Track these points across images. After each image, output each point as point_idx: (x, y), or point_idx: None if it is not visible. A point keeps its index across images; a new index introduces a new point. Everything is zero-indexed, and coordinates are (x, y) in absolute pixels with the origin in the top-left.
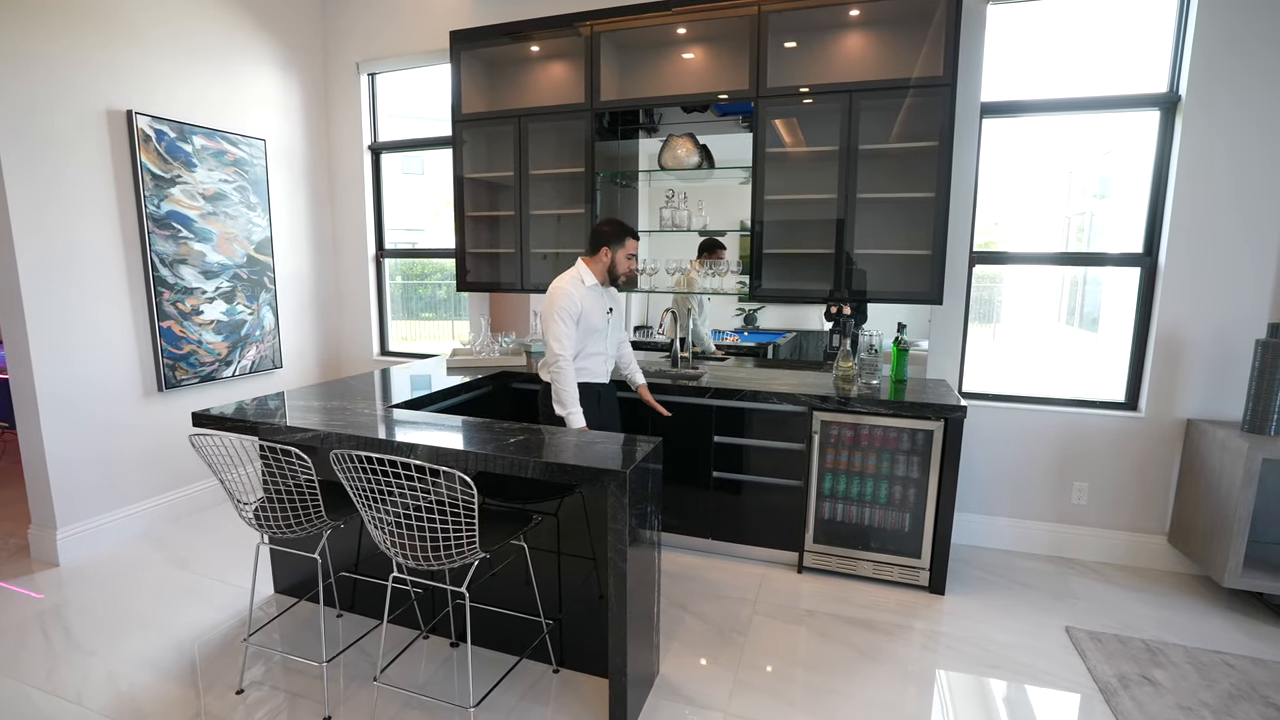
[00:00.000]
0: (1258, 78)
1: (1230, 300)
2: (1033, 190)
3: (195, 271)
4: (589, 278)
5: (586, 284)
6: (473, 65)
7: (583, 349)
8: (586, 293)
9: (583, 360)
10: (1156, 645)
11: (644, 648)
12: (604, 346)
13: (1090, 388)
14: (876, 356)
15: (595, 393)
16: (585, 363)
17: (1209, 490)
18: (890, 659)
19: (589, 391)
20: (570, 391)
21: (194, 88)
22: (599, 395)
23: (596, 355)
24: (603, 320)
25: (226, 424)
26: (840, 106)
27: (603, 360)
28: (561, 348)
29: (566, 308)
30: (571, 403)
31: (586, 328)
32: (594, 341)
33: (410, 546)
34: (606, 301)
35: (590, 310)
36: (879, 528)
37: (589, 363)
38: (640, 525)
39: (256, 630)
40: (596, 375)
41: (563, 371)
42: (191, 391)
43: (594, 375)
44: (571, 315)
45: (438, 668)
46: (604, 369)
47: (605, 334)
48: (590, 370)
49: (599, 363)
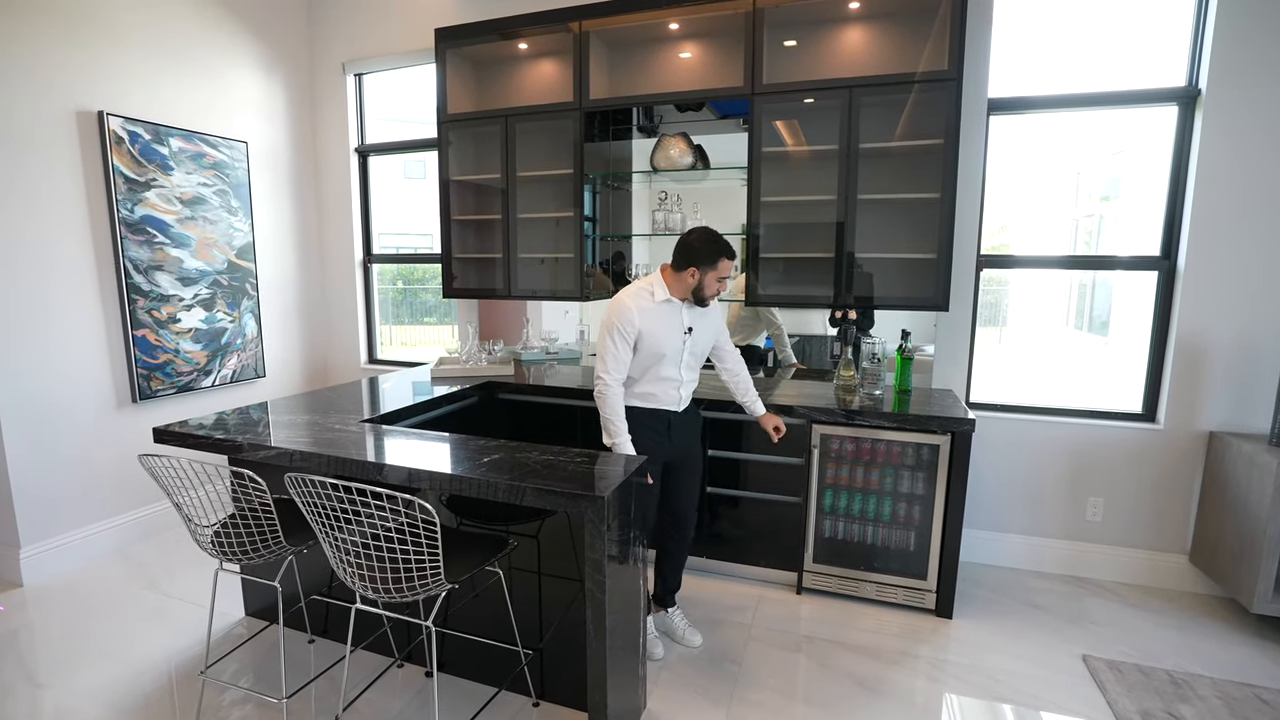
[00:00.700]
0: (1273, 68)
1: (1256, 304)
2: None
3: (172, 278)
4: (662, 291)
5: (657, 298)
6: (459, 64)
7: (646, 373)
8: (654, 309)
9: (647, 384)
10: (1181, 677)
11: (628, 681)
12: (677, 371)
13: (1100, 394)
14: (879, 365)
15: (664, 420)
16: (650, 388)
17: (1235, 508)
18: (893, 691)
19: (655, 418)
20: (614, 419)
21: (171, 89)
22: (669, 423)
23: (667, 381)
24: (676, 341)
25: (188, 440)
26: (840, 103)
27: (675, 386)
28: (605, 370)
29: (621, 327)
30: (618, 430)
31: (651, 350)
32: (664, 365)
33: (370, 577)
34: (683, 319)
35: (656, 331)
36: (882, 547)
37: (654, 388)
38: (623, 552)
39: (215, 661)
40: (665, 402)
41: (603, 397)
42: (168, 402)
43: (661, 402)
44: (626, 336)
45: (410, 699)
46: (676, 395)
47: (680, 358)
48: (656, 396)
49: (669, 390)
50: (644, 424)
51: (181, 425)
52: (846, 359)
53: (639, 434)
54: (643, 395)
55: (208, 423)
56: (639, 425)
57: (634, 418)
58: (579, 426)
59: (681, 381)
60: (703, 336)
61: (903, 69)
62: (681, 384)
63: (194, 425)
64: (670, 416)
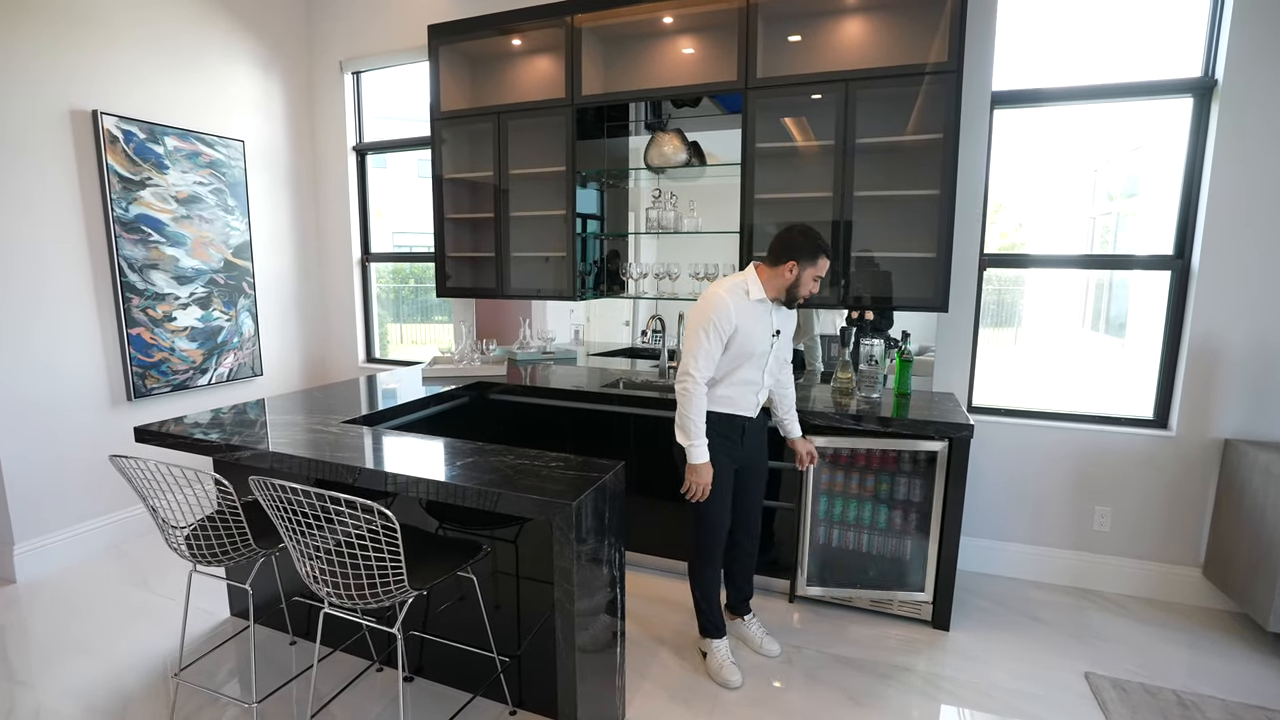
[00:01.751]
0: None
1: (1274, 306)
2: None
3: (167, 277)
4: (757, 289)
5: (752, 296)
6: (453, 61)
7: (730, 374)
8: (750, 308)
9: (726, 388)
10: (1190, 698)
11: (604, 692)
12: (760, 375)
13: (1115, 399)
14: (877, 368)
15: (739, 426)
16: (729, 391)
17: (1250, 520)
18: (882, 706)
19: (730, 424)
20: (695, 420)
21: (167, 88)
22: (743, 429)
23: (748, 385)
24: (765, 343)
25: (167, 440)
26: (836, 97)
27: (754, 391)
28: (695, 367)
29: (718, 322)
30: (696, 433)
31: (740, 351)
32: (748, 368)
33: (334, 583)
34: (773, 320)
35: (750, 330)
36: (878, 555)
37: (734, 392)
38: (596, 560)
39: (193, 662)
40: (743, 408)
41: (689, 395)
42: (163, 400)
43: (739, 407)
44: (722, 332)
45: (387, 704)
46: (754, 401)
47: (765, 361)
48: (734, 401)
49: (748, 394)
50: (721, 432)
51: (160, 425)
52: (844, 361)
53: (716, 443)
54: (723, 399)
55: (202, 421)
56: (716, 431)
57: (711, 424)
58: (571, 429)
59: (762, 386)
60: (786, 341)
61: (902, 62)
62: (761, 389)
63: (170, 425)
64: (745, 423)
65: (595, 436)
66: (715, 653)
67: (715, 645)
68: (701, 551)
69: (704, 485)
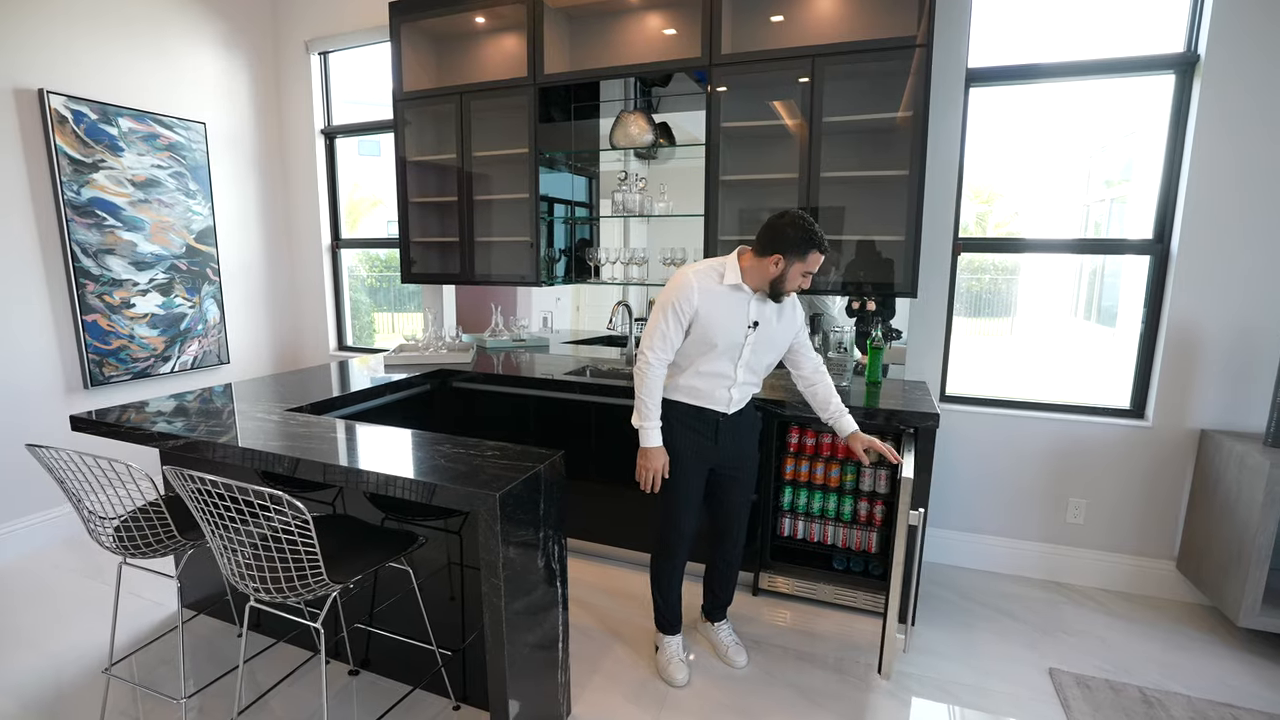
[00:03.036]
0: (1277, 36)
1: (1254, 292)
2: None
3: (125, 262)
4: (733, 275)
5: (726, 281)
6: (416, 40)
7: (693, 364)
8: (719, 292)
9: (692, 377)
10: (1155, 695)
11: (546, 688)
12: (730, 369)
13: (1103, 387)
14: (846, 355)
15: (711, 421)
16: (695, 381)
17: (1224, 513)
18: (834, 703)
19: (699, 417)
20: (647, 401)
21: (119, 67)
22: (717, 425)
23: (718, 378)
24: (737, 335)
25: (103, 429)
26: (803, 74)
27: (726, 385)
28: (650, 347)
29: (677, 304)
30: (648, 414)
31: (703, 338)
32: (716, 358)
33: (252, 576)
34: (750, 311)
35: (716, 317)
36: (843, 548)
37: (701, 383)
38: (531, 553)
39: (128, 656)
40: (713, 401)
41: (642, 375)
42: (122, 389)
43: (708, 400)
44: (681, 315)
45: (329, 697)
46: (726, 396)
47: (737, 353)
48: (701, 393)
49: (718, 387)
50: (687, 424)
51: (90, 414)
52: (815, 349)
53: (682, 432)
54: (688, 389)
55: (148, 409)
56: (681, 425)
57: (677, 415)
58: (534, 417)
59: (735, 382)
60: (772, 336)
61: (870, 36)
62: (734, 384)
63: (115, 413)
64: (719, 419)
65: (559, 425)
66: (665, 648)
67: (667, 641)
68: (662, 546)
69: (654, 471)
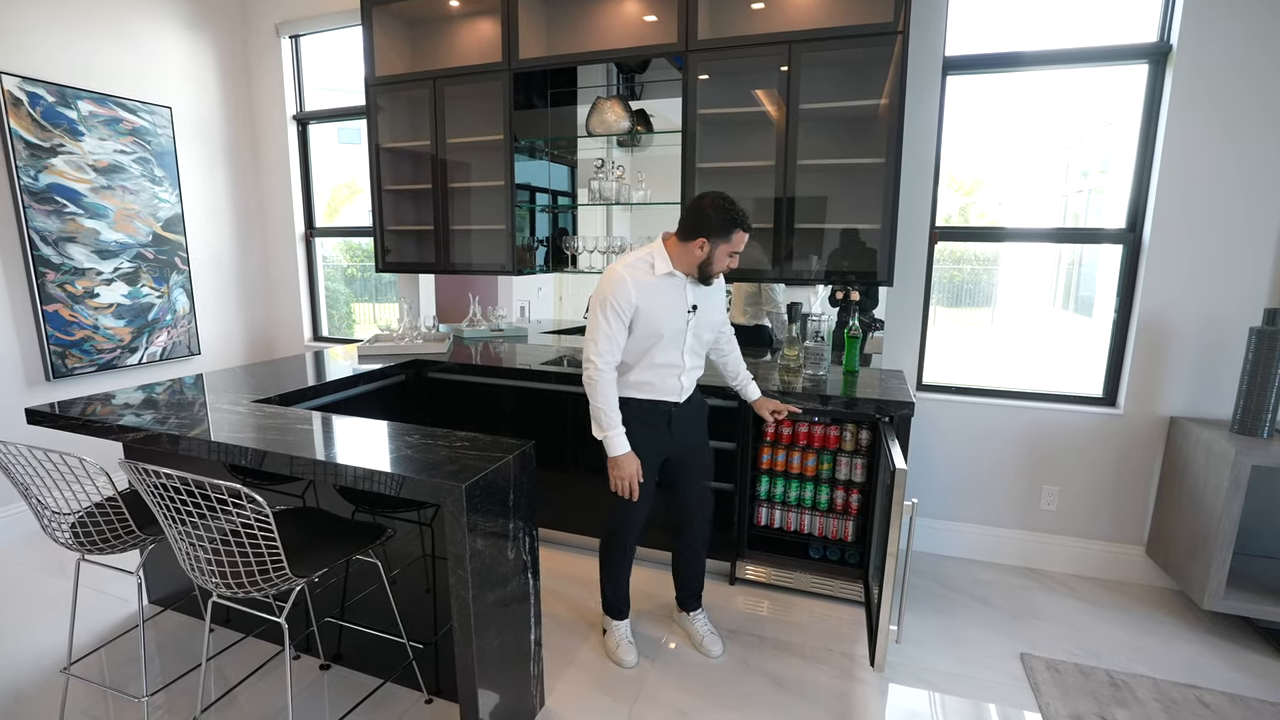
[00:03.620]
0: (1248, 26)
1: (1223, 281)
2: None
3: (87, 251)
4: (664, 263)
5: (658, 271)
6: (389, 23)
7: (643, 358)
8: (654, 284)
9: (644, 372)
10: (1122, 678)
11: (518, 679)
12: (679, 356)
13: (1079, 376)
14: (823, 344)
15: (664, 413)
16: (648, 376)
17: (1191, 499)
18: (809, 692)
19: (653, 410)
20: (605, 410)
21: (80, 49)
22: (670, 416)
23: (668, 368)
24: (679, 322)
25: (60, 422)
26: (780, 60)
27: (676, 374)
28: (596, 353)
29: (615, 303)
30: (610, 422)
31: (648, 331)
32: (663, 349)
33: (212, 571)
34: (687, 296)
35: (656, 308)
36: (820, 536)
37: (653, 376)
38: (500, 545)
39: (81, 658)
40: (666, 393)
41: (594, 384)
42: (87, 380)
43: (661, 392)
44: (621, 313)
45: (298, 693)
46: (678, 384)
47: (682, 340)
48: (655, 386)
49: (669, 378)
50: (641, 419)
51: (52, 406)
52: (790, 338)
53: (636, 430)
54: (639, 385)
55: (114, 401)
56: (635, 420)
57: (630, 411)
58: (510, 408)
59: (684, 369)
60: (708, 317)
61: (847, 22)
62: (684, 371)
63: (65, 405)
64: (671, 409)
65: (535, 416)
66: (614, 632)
67: (615, 625)
68: (613, 535)
69: (628, 478)
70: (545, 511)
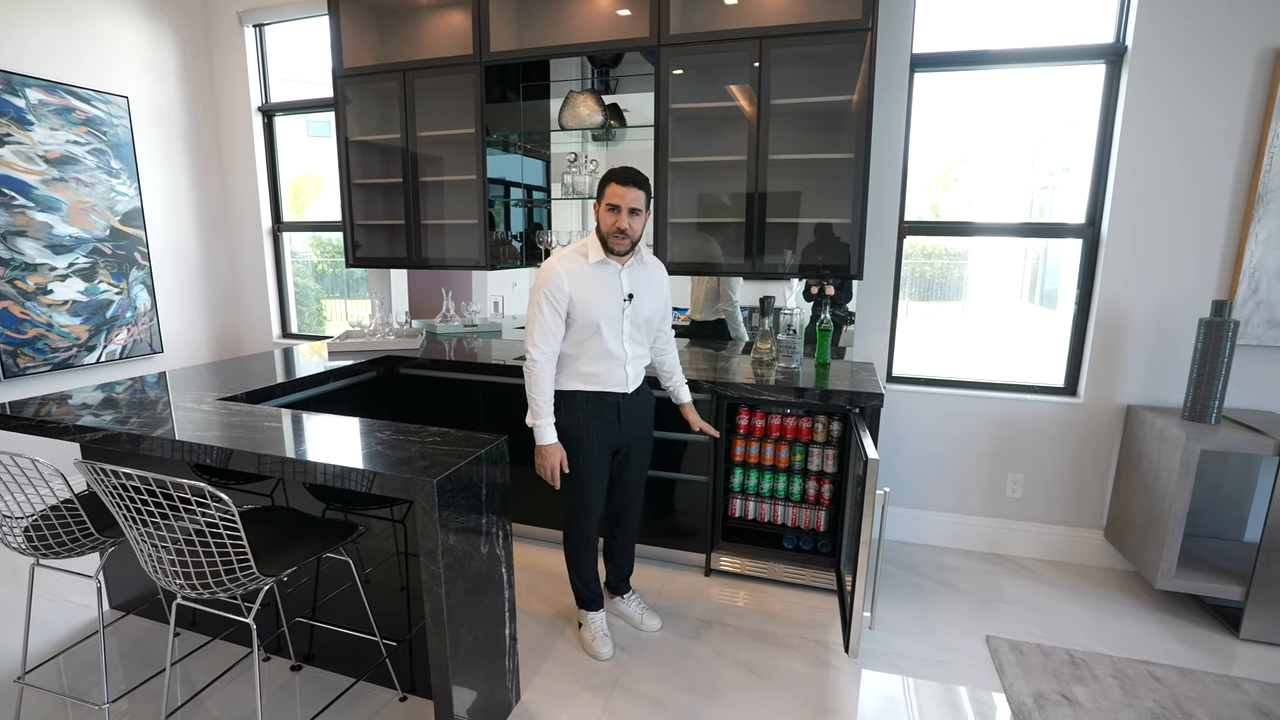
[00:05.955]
0: (1201, 26)
1: (1175, 274)
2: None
3: (39, 245)
4: (596, 251)
5: (591, 259)
6: (357, 13)
7: (585, 349)
8: (588, 272)
9: (588, 364)
10: (1081, 656)
11: (490, 674)
12: (619, 346)
13: (1043, 367)
14: (795, 338)
15: (612, 404)
16: (592, 367)
17: (1145, 483)
18: (783, 679)
19: (601, 402)
20: (538, 399)
21: (27, 34)
22: (618, 408)
23: (611, 359)
24: (614, 309)
25: (13, 423)
26: (751, 56)
27: (620, 364)
28: (533, 344)
29: (549, 293)
30: (540, 411)
31: (586, 321)
32: (603, 339)
33: (175, 573)
34: (623, 283)
35: (590, 297)
36: (793, 527)
37: (598, 368)
38: (473, 540)
39: (37, 666)
40: (612, 384)
41: (530, 374)
42: (40, 380)
43: (608, 384)
44: (555, 304)
45: (269, 696)
46: (623, 374)
47: (620, 328)
48: (601, 378)
49: (614, 369)
50: (590, 412)
51: (1, 407)
52: (763, 331)
53: (586, 421)
54: (585, 376)
55: (70, 400)
56: (585, 413)
57: (579, 403)
58: (483, 403)
59: (627, 358)
60: (646, 305)
61: (817, 19)
62: (627, 361)
63: (13, 405)
64: (620, 401)
65: (509, 412)
66: (589, 624)
67: (590, 617)
68: (574, 530)
69: (552, 467)
70: (521, 506)
